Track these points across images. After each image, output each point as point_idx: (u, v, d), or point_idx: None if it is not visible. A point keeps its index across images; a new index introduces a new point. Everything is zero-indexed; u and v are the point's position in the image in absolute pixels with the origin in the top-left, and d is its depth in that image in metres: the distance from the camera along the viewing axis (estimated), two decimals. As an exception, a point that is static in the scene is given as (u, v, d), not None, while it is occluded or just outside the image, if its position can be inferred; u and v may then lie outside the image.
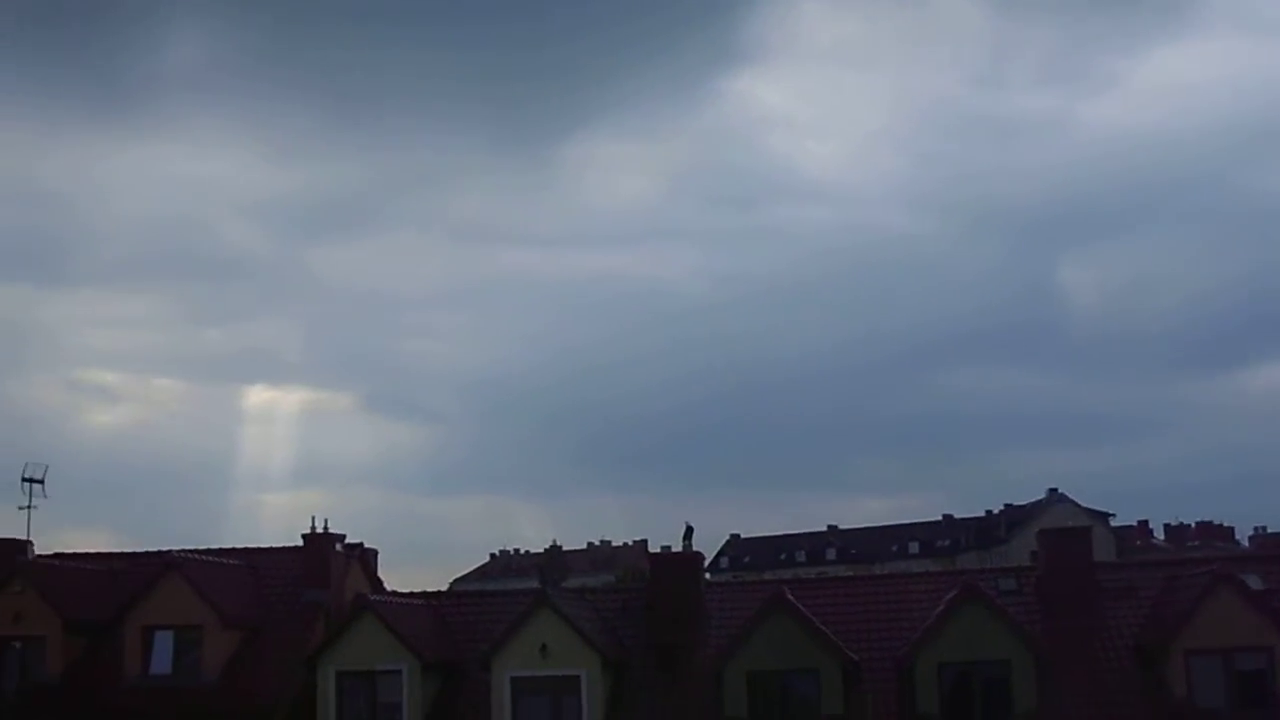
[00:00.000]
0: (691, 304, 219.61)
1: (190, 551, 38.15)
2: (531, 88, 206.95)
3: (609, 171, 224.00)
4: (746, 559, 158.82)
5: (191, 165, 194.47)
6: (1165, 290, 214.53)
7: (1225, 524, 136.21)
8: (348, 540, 39.20)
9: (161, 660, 35.76)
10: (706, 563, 47.36)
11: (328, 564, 37.75)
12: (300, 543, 38.43)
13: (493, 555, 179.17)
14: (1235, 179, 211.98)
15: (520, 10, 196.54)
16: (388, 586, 41.21)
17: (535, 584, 73.12)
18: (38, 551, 40.02)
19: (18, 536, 39.92)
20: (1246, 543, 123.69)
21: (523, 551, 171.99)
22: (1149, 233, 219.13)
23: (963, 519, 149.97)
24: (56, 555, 40.94)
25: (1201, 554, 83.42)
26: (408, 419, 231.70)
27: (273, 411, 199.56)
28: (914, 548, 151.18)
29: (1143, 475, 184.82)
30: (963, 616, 31.91)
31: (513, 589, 54.17)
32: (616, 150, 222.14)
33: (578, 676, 32.77)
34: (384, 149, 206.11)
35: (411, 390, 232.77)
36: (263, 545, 40.42)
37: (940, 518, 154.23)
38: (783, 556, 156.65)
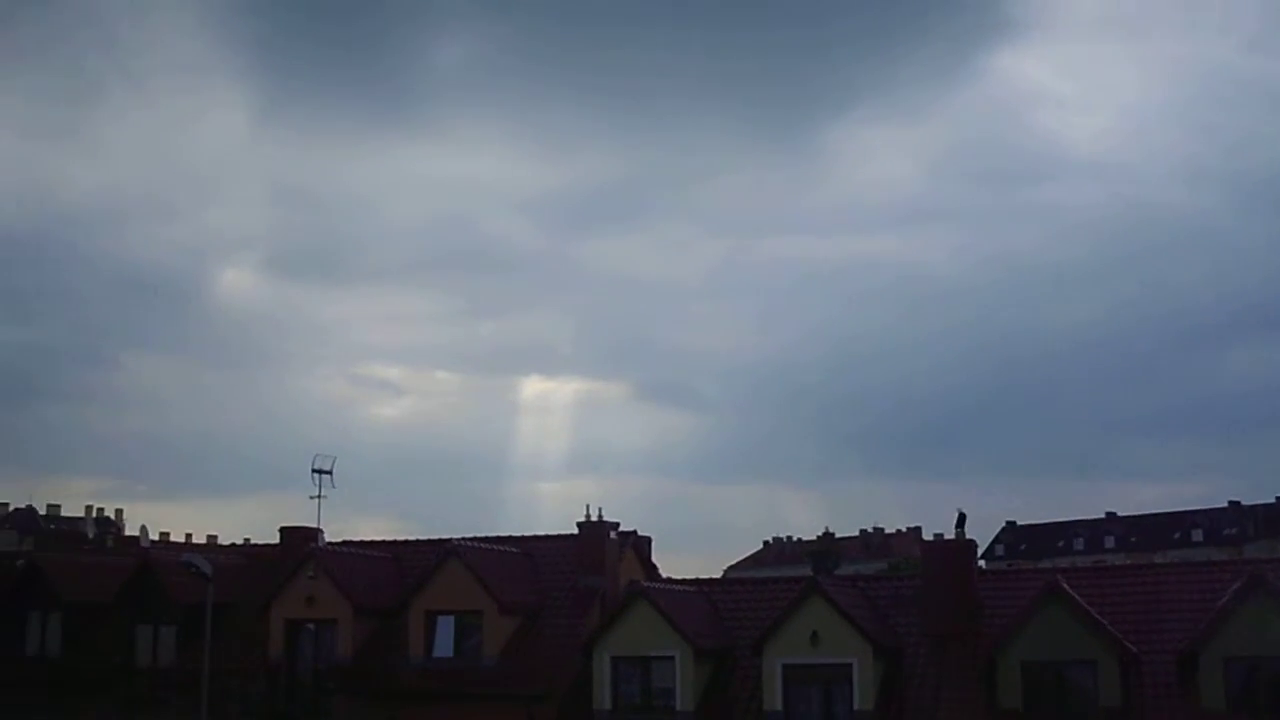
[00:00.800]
0: (959, 286, 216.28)
1: (469, 539, 39.29)
2: (791, 74, 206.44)
3: (872, 154, 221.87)
4: (1022, 546, 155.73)
5: (463, 164, 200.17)
6: None
7: None
8: (622, 528, 39.85)
9: (444, 644, 37.01)
10: (980, 550, 46.68)
11: (602, 551, 38.44)
12: (575, 530, 39.22)
13: (765, 542, 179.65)
14: None
15: (774, 2, 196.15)
16: (662, 573, 41.82)
17: (808, 571, 73.12)
18: (327, 539, 41.85)
19: (309, 525, 41.81)
20: None
21: (795, 539, 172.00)
22: None
23: (1251, 505, 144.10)
24: (344, 542, 42.81)
25: None
26: (679, 407, 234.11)
27: (547, 402, 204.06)
28: (1198, 535, 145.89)
29: None
30: (1250, 608, 30.68)
31: (785, 576, 54.18)
32: (879, 133, 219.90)
33: (849, 665, 32.66)
34: (648, 141, 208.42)
35: (682, 378, 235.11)
36: (538, 533, 41.46)
37: (1226, 504, 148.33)
38: (1059, 544, 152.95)
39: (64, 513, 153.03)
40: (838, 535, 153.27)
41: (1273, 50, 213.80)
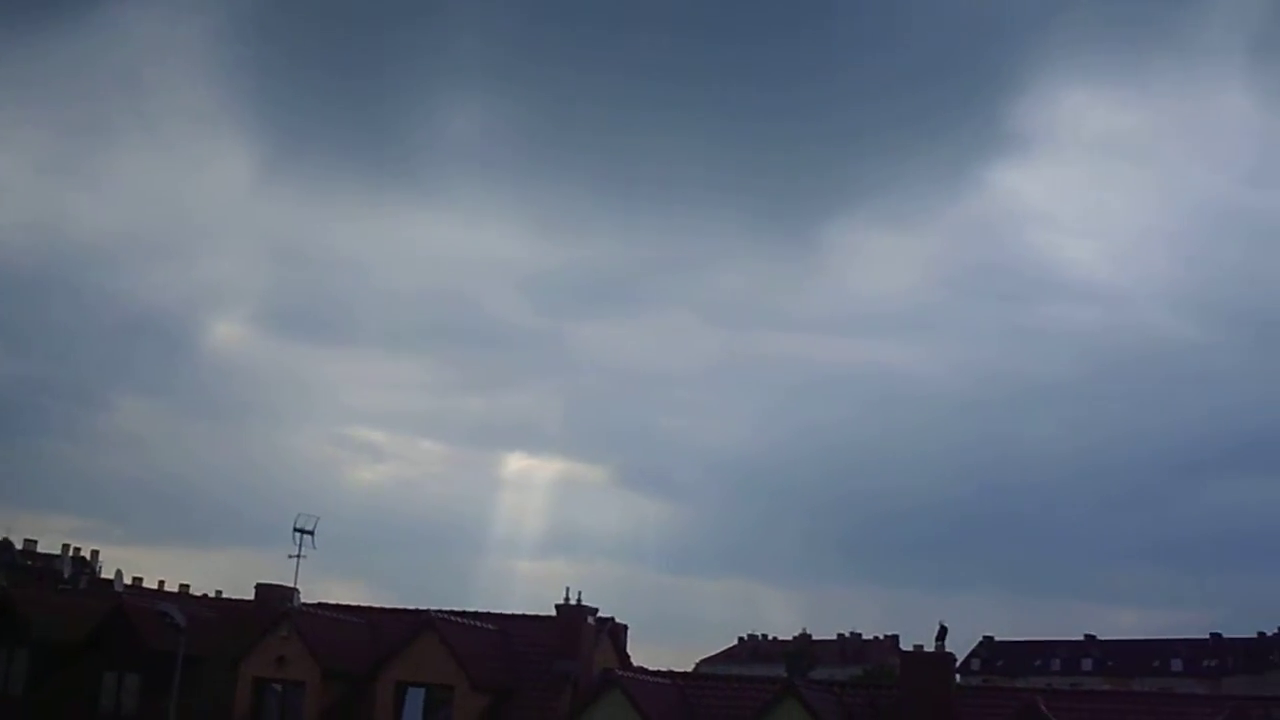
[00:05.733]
0: (954, 400, 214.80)
1: (445, 612, 38.90)
2: (791, 170, 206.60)
3: (869, 257, 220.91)
4: (999, 663, 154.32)
5: (462, 235, 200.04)
6: None
7: None
8: (600, 614, 39.48)
9: (412, 716, 36.52)
10: (957, 664, 46.27)
11: (579, 636, 38.02)
12: (550, 611, 38.82)
13: (740, 639, 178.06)
14: None
15: (781, 92, 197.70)
16: (633, 662, 41.39)
17: (782, 672, 72.39)
18: (303, 600, 41.42)
19: (285, 584, 41.43)
20: None
21: (770, 637, 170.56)
22: None
23: (1232, 639, 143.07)
24: (320, 604, 42.34)
25: None
26: (660, 496, 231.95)
27: (529, 479, 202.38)
28: (1177, 665, 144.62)
29: None
30: (1229, 746, 30.45)
31: (758, 675, 53.66)
32: (876, 236, 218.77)
33: (820, 771, 32.23)
34: (648, 228, 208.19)
35: (666, 468, 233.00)
36: (511, 611, 41.18)
37: (1207, 636, 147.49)
38: (1037, 663, 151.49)
39: (40, 549, 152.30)
40: (814, 637, 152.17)
41: (1272, 184, 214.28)
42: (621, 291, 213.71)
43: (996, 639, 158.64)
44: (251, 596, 43.13)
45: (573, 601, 38.30)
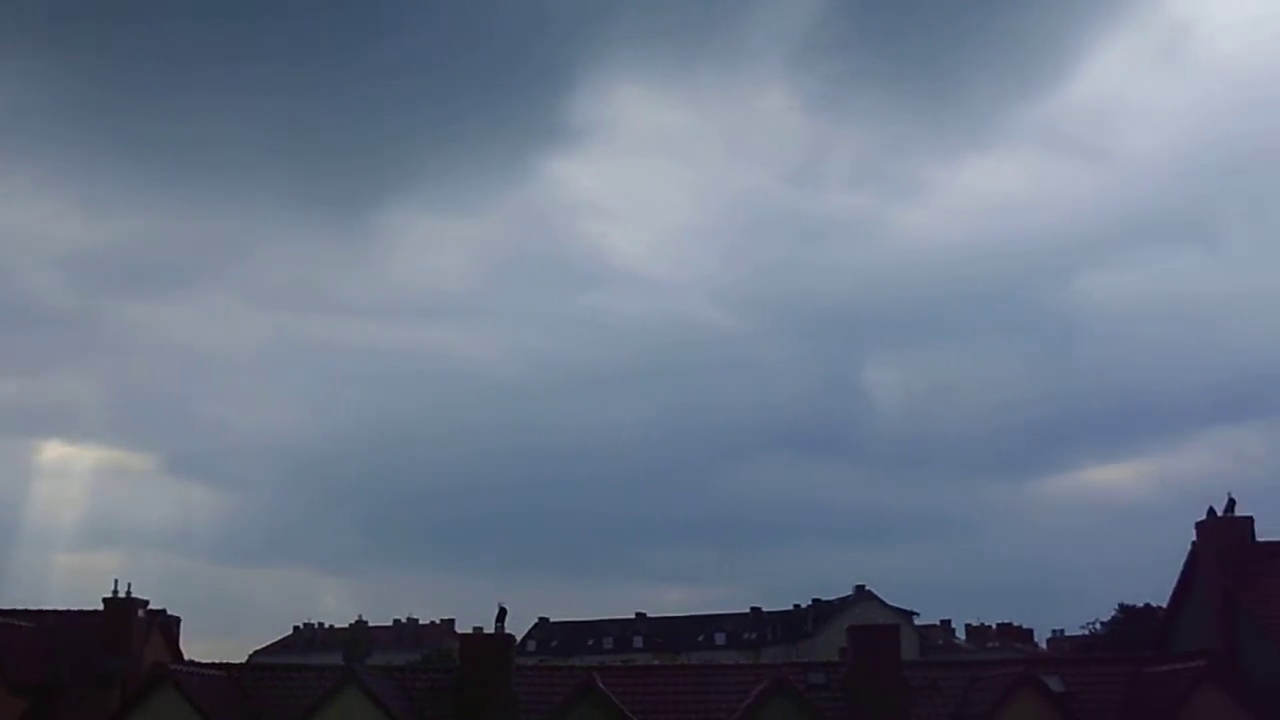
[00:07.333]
0: (505, 385, 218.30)
1: (-23, 611, 36.71)
2: (345, 155, 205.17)
3: (423, 244, 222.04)
4: (554, 643, 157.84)
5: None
6: (964, 398, 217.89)
7: (1024, 626, 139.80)
8: (150, 606, 38.08)
9: (-59, 724, 34.30)
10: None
11: (129, 630, 36.57)
12: (96, 606, 37.23)
13: (295, 628, 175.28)
14: (1034, 293, 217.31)
15: (338, 77, 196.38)
16: (185, 656, 40.14)
17: (339, 660, 71.66)
18: None
19: None
20: (1045, 645, 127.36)
21: (326, 626, 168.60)
22: (951, 339, 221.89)
23: (770, 612, 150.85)
24: None
25: (1002, 655, 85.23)
26: (209, 484, 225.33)
27: (67, 468, 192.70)
28: (720, 638, 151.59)
29: (944, 575, 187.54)
30: (772, 709, 32.07)
31: (318, 664, 52.84)
32: (430, 223, 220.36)
33: (382, 756, 32.06)
34: (196, 208, 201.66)
35: (215, 455, 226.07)
36: (51, 607, 39.26)
37: (748, 610, 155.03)
38: (590, 642, 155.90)
39: None
40: (370, 624, 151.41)
41: (810, 184, 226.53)
42: (165, 271, 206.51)
43: (552, 620, 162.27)
44: None
45: (121, 595, 36.82)
